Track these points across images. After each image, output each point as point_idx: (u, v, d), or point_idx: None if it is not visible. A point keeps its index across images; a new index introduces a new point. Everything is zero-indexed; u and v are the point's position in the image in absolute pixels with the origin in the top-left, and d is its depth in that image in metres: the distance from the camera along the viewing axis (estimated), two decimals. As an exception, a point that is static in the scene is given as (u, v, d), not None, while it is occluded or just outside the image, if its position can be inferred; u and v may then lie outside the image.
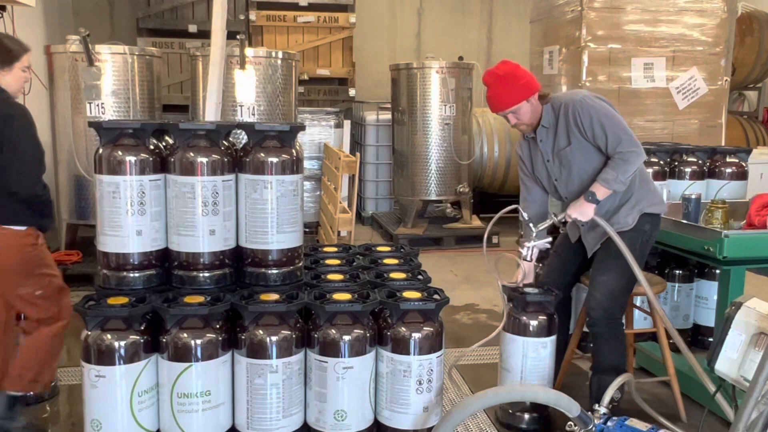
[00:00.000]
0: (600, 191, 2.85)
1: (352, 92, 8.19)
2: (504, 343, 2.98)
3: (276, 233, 2.71)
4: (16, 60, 2.82)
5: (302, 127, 2.81)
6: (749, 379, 1.97)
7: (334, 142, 6.72)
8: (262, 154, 2.67)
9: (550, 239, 2.97)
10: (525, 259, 2.97)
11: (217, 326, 2.55)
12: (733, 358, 2.12)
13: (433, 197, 6.94)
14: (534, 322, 2.90)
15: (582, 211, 2.87)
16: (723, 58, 5.81)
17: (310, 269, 3.06)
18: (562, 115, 2.91)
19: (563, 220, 2.95)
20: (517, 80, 2.89)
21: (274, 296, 2.66)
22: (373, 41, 9.32)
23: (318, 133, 6.74)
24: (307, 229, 5.91)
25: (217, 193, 2.62)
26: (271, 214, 2.69)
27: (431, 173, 6.83)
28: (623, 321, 3.05)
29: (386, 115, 7.69)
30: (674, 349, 3.76)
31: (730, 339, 2.12)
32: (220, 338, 2.55)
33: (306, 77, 7.90)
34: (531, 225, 2.98)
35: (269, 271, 2.74)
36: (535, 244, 2.96)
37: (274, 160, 2.66)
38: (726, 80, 5.87)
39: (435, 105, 6.74)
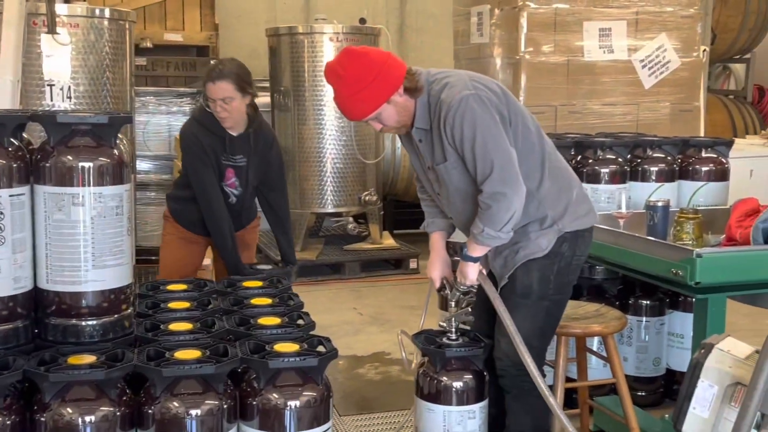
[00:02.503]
0: (472, 248, 2.95)
1: (215, 66, 8.12)
2: (419, 413, 2.99)
3: (92, 269, 2.65)
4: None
5: (128, 119, 2.79)
6: (724, 445, 2.07)
7: (191, 135, 6.61)
8: (69, 157, 2.60)
9: (468, 309, 3.15)
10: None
11: (3, 405, 2.44)
12: (704, 418, 2.21)
13: (330, 209, 6.97)
14: (458, 385, 2.93)
15: (462, 272, 3.01)
16: (699, 21, 6.13)
17: (146, 317, 3.00)
18: (435, 118, 2.86)
19: (465, 289, 3.10)
20: (367, 79, 2.80)
21: (89, 358, 2.58)
22: (245, -4, 9.28)
23: (166, 122, 6.66)
24: (154, 257, 5.79)
25: (2, 213, 2.54)
26: (84, 242, 2.63)
27: (326, 177, 6.86)
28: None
29: (264, 98, 7.64)
30: (639, 403, 3.91)
31: (699, 392, 2.22)
32: (9, 422, 2.43)
33: (149, 45, 7.83)
34: (448, 293, 3.13)
35: (83, 323, 2.68)
36: (453, 316, 3.09)
37: (87, 165, 2.61)
38: (704, 50, 6.19)
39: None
